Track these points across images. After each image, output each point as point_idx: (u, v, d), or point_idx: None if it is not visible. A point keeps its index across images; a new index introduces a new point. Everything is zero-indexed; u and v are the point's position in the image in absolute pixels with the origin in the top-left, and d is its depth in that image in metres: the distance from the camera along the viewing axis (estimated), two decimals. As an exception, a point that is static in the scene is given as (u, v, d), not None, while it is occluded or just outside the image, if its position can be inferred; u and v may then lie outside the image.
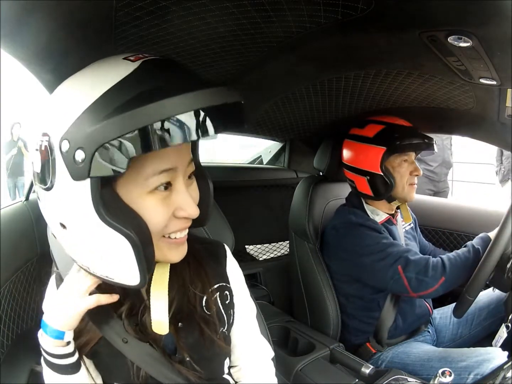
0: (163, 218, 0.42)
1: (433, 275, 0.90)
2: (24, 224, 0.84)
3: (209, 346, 0.53)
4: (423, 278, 0.91)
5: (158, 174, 0.40)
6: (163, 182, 0.41)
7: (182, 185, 0.43)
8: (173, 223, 0.43)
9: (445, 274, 0.90)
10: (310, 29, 0.64)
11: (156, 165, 0.40)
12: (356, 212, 1.07)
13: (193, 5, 0.55)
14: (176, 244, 0.46)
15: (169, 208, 0.42)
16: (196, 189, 0.47)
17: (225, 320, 0.56)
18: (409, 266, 0.93)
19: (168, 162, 0.41)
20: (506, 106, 0.79)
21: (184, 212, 0.43)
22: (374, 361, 1.02)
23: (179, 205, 0.42)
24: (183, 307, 0.52)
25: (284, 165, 1.71)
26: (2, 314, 0.68)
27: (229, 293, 0.57)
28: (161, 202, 0.41)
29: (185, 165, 0.43)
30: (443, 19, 0.52)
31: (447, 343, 1.10)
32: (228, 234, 0.79)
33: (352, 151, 1.08)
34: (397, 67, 0.80)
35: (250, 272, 1.48)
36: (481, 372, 0.82)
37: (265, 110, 1.22)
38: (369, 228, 1.01)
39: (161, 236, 0.44)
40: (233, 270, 0.60)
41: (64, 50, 0.62)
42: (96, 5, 0.52)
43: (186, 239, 0.47)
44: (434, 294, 0.93)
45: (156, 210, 0.41)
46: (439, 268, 0.91)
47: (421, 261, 0.93)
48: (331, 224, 1.10)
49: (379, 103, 1.07)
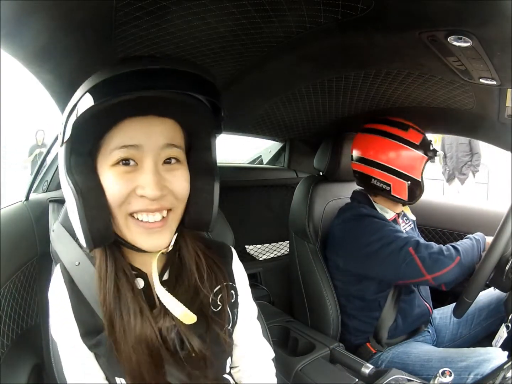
0: (119, 192, 0.44)
1: (448, 254, 0.90)
2: (24, 224, 0.84)
3: (214, 342, 0.53)
4: (437, 257, 0.90)
5: (119, 149, 0.44)
6: (122, 156, 0.44)
7: (149, 164, 0.45)
8: (135, 201, 0.45)
9: (459, 254, 0.90)
10: (310, 29, 0.64)
11: (119, 140, 0.44)
12: (367, 206, 1.08)
13: (193, 5, 0.55)
14: (145, 229, 0.46)
15: (129, 184, 0.45)
16: (179, 176, 0.48)
17: (230, 318, 0.57)
18: (420, 247, 0.93)
19: (132, 138, 0.44)
20: (506, 106, 0.79)
21: (142, 190, 0.44)
22: (374, 361, 1.02)
23: (139, 183, 0.44)
24: (192, 305, 0.52)
25: (284, 165, 1.71)
26: (2, 314, 0.68)
27: (235, 292, 0.59)
28: (120, 176, 0.44)
29: (156, 146, 0.45)
30: (443, 19, 0.52)
31: (447, 343, 1.10)
32: (228, 234, 0.79)
33: (395, 153, 1.03)
34: (397, 67, 0.80)
35: (250, 272, 1.46)
36: (481, 372, 0.82)
37: (265, 110, 1.22)
38: (378, 218, 1.03)
39: (128, 213, 0.46)
40: (238, 271, 0.62)
41: (64, 50, 0.62)
42: (96, 5, 0.52)
43: (161, 228, 0.47)
44: (450, 276, 0.90)
45: (113, 182, 0.44)
46: (452, 250, 0.92)
47: (432, 244, 0.95)
48: (340, 218, 1.10)
49: (379, 103, 1.07)
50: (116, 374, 0.51)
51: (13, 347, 0.69)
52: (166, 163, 0.47)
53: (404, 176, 1.03)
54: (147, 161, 0.45)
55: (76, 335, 0.51)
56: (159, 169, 0.46)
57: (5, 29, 0.51)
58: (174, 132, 0.47)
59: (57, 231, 0.61)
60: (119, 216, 0.46)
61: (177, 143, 0.47)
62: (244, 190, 1.55)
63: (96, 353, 0.51)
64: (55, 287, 0.53)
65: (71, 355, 0.52)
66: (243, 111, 1.23)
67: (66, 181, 0.44)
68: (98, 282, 0.50)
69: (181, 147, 0.48)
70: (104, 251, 0.50)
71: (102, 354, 0.50)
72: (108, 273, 0.49)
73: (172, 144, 0.47)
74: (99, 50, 0.66)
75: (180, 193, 0.48)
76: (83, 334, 0.51)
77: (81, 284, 0.52)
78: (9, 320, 0.70)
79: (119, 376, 0.51)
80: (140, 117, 0.44)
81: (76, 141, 0.44)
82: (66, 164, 0.44)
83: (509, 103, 0.76)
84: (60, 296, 0.52)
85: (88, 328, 0.51)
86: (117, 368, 0.50)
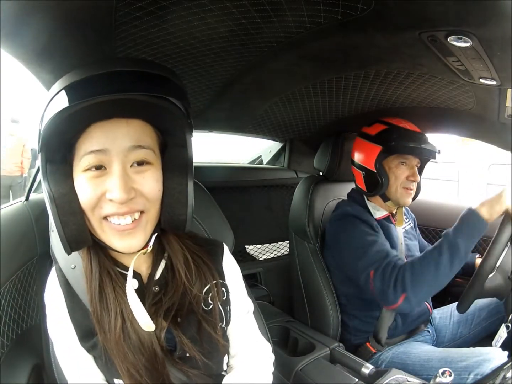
0: (89, 197, 0.45)
1: (394, 291, 0.86)
2: (24, 224, 0.84)
3: (208, 341, 0.53)
4: (387, 292, 0.87)
5: (88, 154, 0.45)
6: (91, 162, 0.45)
7: (116, 168, 0.45)
8: (105, 205, 0.46)
9: (406, 290, 0.85)
10: (310, 29, 0.64)
11: (87, 146, 0.45)
12: (355, 205, 1.08)
13: (193, 5, 0.55)
14: (118, 232, 0.47)
15: (99, 188, 0.45)
16: (148, 177, 0.47)
17: (223, 315, 0.57)
18: (378, 273, 0.90)
19: (98, 144, 0.44)
20: (506, 106, 0.79)
21: (110, 194, 0.45)
22: (374, 361, 1.02)
23: (107, 187, 0.45)
24: (182, 304, 0.53)
25: (284, 165, 1.71)
26: (2, 314, 0.68)
27: (225, 289, 0.59)
28: (89, 181, 0.45)
29: (122, 149, 0.45)
30: (443, 19, 0.52)
31: (447, 343, 1.10)
32: (228, 234, 0.79)
33: (356, 147, 1.11)
34: (397, 67, 0.80)
35: (250, 272, 1.48)
36: (481, 372, 0.82)
37: (265, 110, 1.22)
38: (361, 220, 1.01)
39: (101, 217, 0.47)
40: (229, 267, 0.61)
41: (64, 50, 0.62)
42: (96, 5, 0.52)
43: (132, 230, 0.47)
44: (400, 310, 0.92)
45: (83, 187, 0.46)
46: (400, 283, 0.86)
47: (392, 271, 0.88)
48: (331, 217, 1.11)
49: (379, 103, 1.07)
50: (114, 376, 0.51)
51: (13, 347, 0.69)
52: (138, 164, 0.47)
53: (359, 166, 1.08)
54: (114, 165, 0.45)
55: (72, 336, 0.51)
56: (128, 172, 0.46)
57: (5, 29, 0.51)
58: (142, 132, 0.47)
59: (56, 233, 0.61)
60: (93, 219, 0.47)
61: (145, 143, 0.47)
62: (244, 190, 1.55)
63: (94, 355, 0.52)
64: (51, 289, 0.54)
65: (68, 356, 0.53)
66: (243, 111, 1.23)
67: (44, 188, 0.46)
68: (86, 284, 0.50)
69: (150, 147, 0.47)
70: (89, 253, 0.51)
71: (98, 356, 0.51)
72: (93, 274, 0.50)
73: (139, 146, 0.46)
74: (99, 50, 0.66)
75: (150, 195, 0.47)
76: (80, 337, 0.51)
77: (77, 286, 0.52)
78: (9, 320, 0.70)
79: (117, 377, 0.51)
80: (106, 121, 0.45)
81: (49, 149, 0.45)
82: (43, 171, 0.46)
83: (509, 103, 0.76)
84: (56, 298, 0.53)
85: (83, 331, 0.51)
86: (114, 369, 0.50)
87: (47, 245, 0.64)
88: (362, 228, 1.00)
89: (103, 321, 0.49)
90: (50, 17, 0.52)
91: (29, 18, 0.51)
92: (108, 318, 0.49)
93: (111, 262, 0.52)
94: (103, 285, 0.50)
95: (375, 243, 0.96)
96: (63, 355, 0.53)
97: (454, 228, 0.85)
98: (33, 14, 0.50)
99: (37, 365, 0.72)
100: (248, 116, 1.30)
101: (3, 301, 0.69)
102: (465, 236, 0.83)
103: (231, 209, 0.96)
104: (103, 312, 0.49)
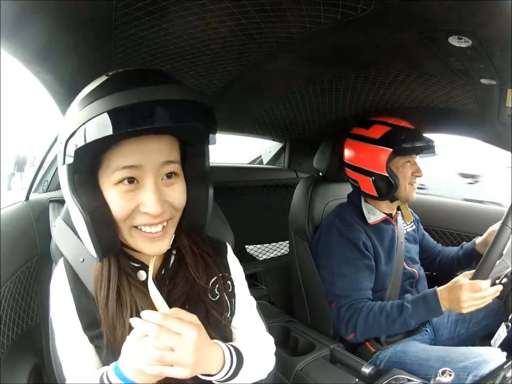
0: (122, 209, 0.47)
1: (346, 329, 0.98)
2: (24, 224, 0.84)
3: (215, 326, 0.56)
4: (340, 326, 1.00)
5: (121, 169, 0.46)
6: (124, 176, 0.46)
7: (150, 183, 0.47)
8: (139, 216, 0.48)
9: (355, 331, 0.97)
10: (310, 29, 0.64)
11: (120, 162, 0.45)
12: (346, 215, 1.07)
13: (193, 5, 0.55)
14: (148, 239, 0.49)
15: (132, 201, 0.47)
16: (177, 190, 0.50)
17: (228, 306, 0.60)
18: (336, 307, 1.01)
19: (131, 159, 0.45)
20: (506, 107, 0.79)
21: (145, 207, 0.46)
22: (372, 360, 1.02)
23: (142, 201, 0.47)
24: (191, 294, 0.56)
25: (284, 165, 1.71)
26: (2, 314, 0.68)
27: (231, 283, 0.62)
28: (123, 195, 0.46)
29: (155, 164, 0.47)
30: (443, 19, 0.52)
31: (445, 341, 1.10)
32: (228, 234, 0.79)
33: (357, 151, 1.08)
34: (397, 67, 0.80)
35: (250, 272, 1.48)
36: (480, 374, 0.81)
37: (265, 110, 1.22)
38: (346, 239, 1.02)
39: (132, 226, 0.48)
40: (233, 264, 0.64)
41: (64, 50, 0.62)
42: (96, 5, 0.52)
43: (162, 236, 0.50)
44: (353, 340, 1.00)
45: (116, 200, 0.46)
46: (352, 325, 0.97)
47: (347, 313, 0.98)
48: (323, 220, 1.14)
49: (379, 103, 1.07)
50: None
51: (13, 347, 0.69)
52: (168, 177, 0.49)
53: (366, 172, 1.05)
54: (148, 180, 0.47)
55: (76, 325, 0.53)
56: (159, 185, 0.48)
57: (5, 29, 0.51)
58: (171, 147, 0.49)
59: (59, 227, 0.63)
60: (124, 228, 0.49)
61: (174, 158, 0.49)
62: (244, 190, 1.55)
63: (97, 345, 0.53)
64: (57, 280, 0.56)
65: (68, 344, 0.54)
66: (243, 111, 1.23)
67: (73, 200, 0.46)
68: (98, 279, 0.52)
69: (178, 161, 0.50)
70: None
71: (103, 346, 0.52)
72: (111, 271, 0.52)
73: (170, 161, 0.48)
74: (99, 50, 0.66)
75: (178, 205, 0.51)
76: (85, 326, 0.53)
77: (86, 278, 0.54)
78: (9, 320, 0.71)
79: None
80: (138, 137, 0.45)
81: (77, 159, 0.44)
82: (70, 184, 0.46)
83: (509, 103, 0.76)
84: (62, 289, 0.55)
85: (90, 320, 0.53)
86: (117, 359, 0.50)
87: (47, 245, 0.64)
88: (342, 249, 1.03)
89: (113, 316, 0.51)
90: (50, 17, 0.52)
91: (29, 18, 0.50)
92: (121, 313, 0.51)
93: (128, 261, 0.54)
94: (121, 280, 0.52)
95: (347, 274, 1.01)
96: (63, 343, 0.55)
97: (413, 304, 0.92)
98: (33, 14, 0.50)
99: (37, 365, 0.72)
100: (248, 116, 1.30)
101: (3, 301, 0.69)
102: (418, 318, 0.92)
103: (231, 209, 0.96)
104: (118, 307, 0.51)
